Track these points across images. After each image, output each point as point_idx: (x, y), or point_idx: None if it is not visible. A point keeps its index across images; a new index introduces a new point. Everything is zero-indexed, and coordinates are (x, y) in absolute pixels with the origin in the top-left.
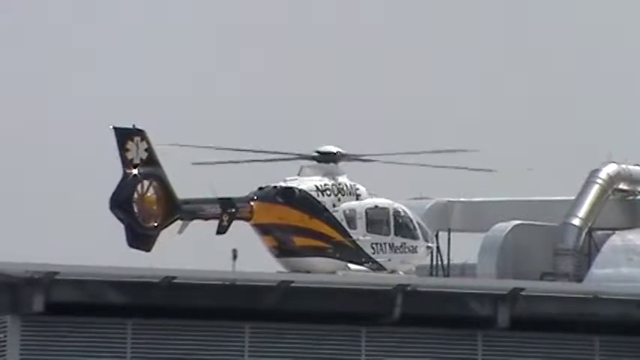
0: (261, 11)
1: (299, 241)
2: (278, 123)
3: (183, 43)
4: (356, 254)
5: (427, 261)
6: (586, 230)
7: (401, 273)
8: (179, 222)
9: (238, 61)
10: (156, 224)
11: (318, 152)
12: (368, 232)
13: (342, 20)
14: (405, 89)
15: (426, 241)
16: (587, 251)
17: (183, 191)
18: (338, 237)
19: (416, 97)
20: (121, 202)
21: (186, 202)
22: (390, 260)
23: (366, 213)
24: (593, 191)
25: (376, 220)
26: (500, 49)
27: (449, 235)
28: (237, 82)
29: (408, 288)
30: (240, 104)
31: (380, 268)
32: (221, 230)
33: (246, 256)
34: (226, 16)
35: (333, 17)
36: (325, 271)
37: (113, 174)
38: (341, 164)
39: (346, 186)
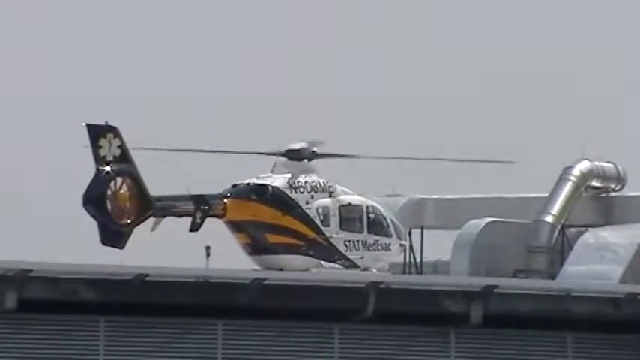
0: (232, 11)
1: (272, 238)
2: (252, 120)
3: (157, 42)
4: (329, 252)
5: (400, 258)
6: (559, 227)
7: (374, 270)
8: (152, 219)
9: (214, 60)
10: (129, 221)
11: (291, 150)
12: (341, 229)
13: (320, 20)
14: (384, 87)
15: (399, 238)
16: (560, 248)
17: (156, 188)
18: (311, 234)
19: (396, 95)
20: (94, 200)
21: (160, 199)
22: (363, 258)
23: (340, 210)
24: (566, 189)
25: (349, 217)
26: (476, 49)
27: (422, 232)
28: (212, 81)
29: (381, 285)
30: (214, 102)
31: (353, 265)
32: (194, 227)
33: (220, 253)
34: (200, 17)
35: (311, 18)
36: (298, 269)
37: (86, 171)
38: (314, 161)
39: (319, 183)
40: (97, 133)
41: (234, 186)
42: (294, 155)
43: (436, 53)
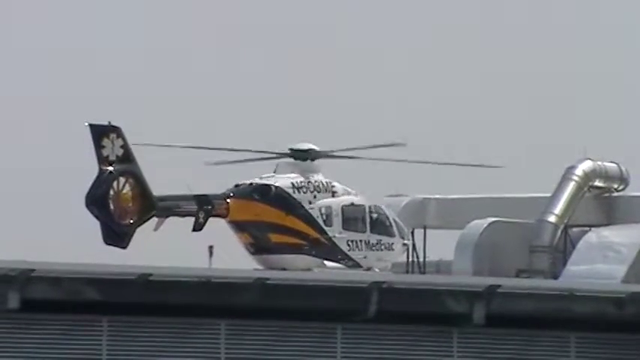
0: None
1: (275, 238)
2: (252, 120)
3: (158, 42)
4: (332, 251)
5: (403, 258)
6: (562, 227)
7: (377, 270)
8: (155, 219)
9: (214, 60)
10: (132, 221)
11: (293, 149)
12: (344, 229)
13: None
14: (383, 87)
15: (402, 238)
16: (563, 248)
17: (158, 188)
18: (314, 234)
19: (398, 95)
20: (97, 200)
21: (162, 199)
22: (366, 257)
23: (342, 210)
24: (569, 188)
25: (352, 217)
26: (476, 49)
27: (425, 232)
28: (212, 81)
29: (384, 285)
30: (215, 103)
31: (356, 265)
32: (197, 227)
33: (223, 253)
34: (201, 15)
35: (311, 17)
36: (301, 269)
37: (89, 171)
38: (317, 161)
39: (322, 183)
40: (100, 132)
41: (237, 186)
42: (296, 155)
43: (436, 53)
